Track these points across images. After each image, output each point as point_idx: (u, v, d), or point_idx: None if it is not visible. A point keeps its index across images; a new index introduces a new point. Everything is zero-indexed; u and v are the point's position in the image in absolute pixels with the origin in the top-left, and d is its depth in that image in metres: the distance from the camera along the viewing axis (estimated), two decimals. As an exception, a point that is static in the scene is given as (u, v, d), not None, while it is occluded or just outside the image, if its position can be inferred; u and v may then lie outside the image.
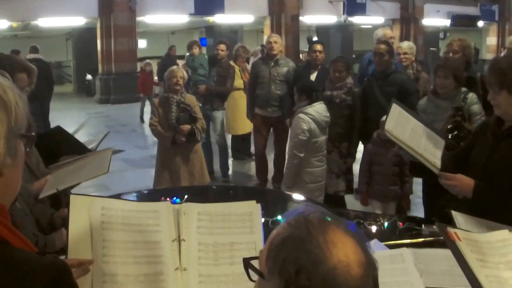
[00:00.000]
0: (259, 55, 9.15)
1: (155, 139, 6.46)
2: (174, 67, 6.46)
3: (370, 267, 1.13)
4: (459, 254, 1.90)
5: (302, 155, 5.36)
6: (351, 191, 6.31)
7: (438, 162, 3.05)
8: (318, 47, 7.14)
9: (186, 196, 3.40)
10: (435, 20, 25.63)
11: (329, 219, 1.17)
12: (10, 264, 1.22)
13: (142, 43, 23.02)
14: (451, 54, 5.68)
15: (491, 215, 2.63)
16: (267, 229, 1.95)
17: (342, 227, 1.16)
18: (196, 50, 10.70)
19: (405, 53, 6.58)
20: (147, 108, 12.31)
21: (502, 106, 2.80)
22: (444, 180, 2.91)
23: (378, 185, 5.26)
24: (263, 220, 2.36)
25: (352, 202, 6.40)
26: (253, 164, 8.32)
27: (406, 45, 6.83)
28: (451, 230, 1.99)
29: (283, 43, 19.61)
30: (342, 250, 1.11)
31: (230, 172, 8.60)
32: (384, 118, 5.07)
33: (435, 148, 3.15)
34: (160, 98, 6.20)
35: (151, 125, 6.06)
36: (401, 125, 3.15)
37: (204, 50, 11.17)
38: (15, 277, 1.22)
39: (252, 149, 8.66)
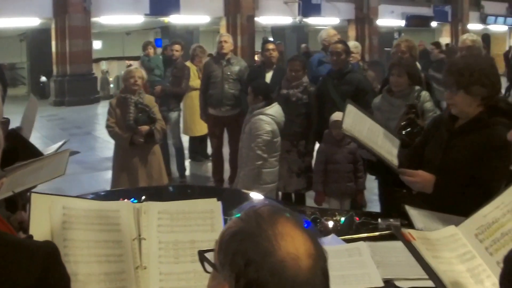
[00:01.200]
0: None
1: (111, 141, 6.33)
2: (132, 67, 6.41)
3: (319, 258, 1.14)
4: (418, 254, 1.95)
5: (266, 156, 5.39)
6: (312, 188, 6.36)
7: (395, 160, 3.13)
8: (271, 46, 7.12)
9: (143, 197, 3.38)
10: (389, 20, 26.06)
11: (279, 212, 1.18)
12: (8, 246, 1.26)
13: (97, 44, 22.69)
14: (399, 55, 5.83)
15: (445, 209, 2.72)
16: (226, 228, 1.97)
17: (291, 220, 1.17)
18: (151, 51, 10.64)
19: (352, 52, 6.70)
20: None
21: (458, 105, 2.88)
22: (405, 177, 2.97)
23: (334, 183, 5.35)
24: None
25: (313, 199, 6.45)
26: (210, 165, 8.30)
27: (352, 44, 6.98)
28: (405, 231, 2.04)
29: (238, 43, 19.74)
30: (291, 242, 1.12)
31: (187, 173, 8.56)
32: (333, 117, 5.20)
33: (391, 147, 3.24)
34: (117, 99, 6.11)
35: (107, 126, 5.97)
36: (358, 124, 3.23)
37: (159, 51, 11.09)
38: (15, 257, 1.26)
39: (210, 150, 8.66)
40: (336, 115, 5.13)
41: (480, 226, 2.17)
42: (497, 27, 31.80)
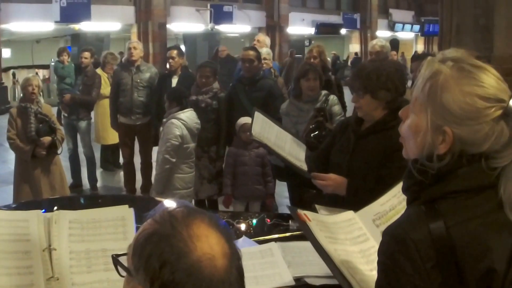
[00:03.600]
0: None
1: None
2: (30, 75, 6.24)
3: (234, 257, 1.15)
4: (310, 232, 2.03)
5: (174, 160, 5.37)
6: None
7: (304, 165, 3.21)
8: (173, 53, 7.09)
9: (55, 208, 3.30)
10: (300, 28, 26.61)
11: (193, 213, 1.18)
12: None
13: (6, 52, 21.79)
14: (312, 60, 6.06)
15: (354, 208, 2.82)
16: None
17: (206, 220, 1.17)
18: (65, 58, 10.33)
19: (264, 59, 6.82)
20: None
21: (365, 108, 2.99)
22: (317, 181, 3.03)
23: (243, 185, 5.43)
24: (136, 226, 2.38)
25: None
26: (123, 175, 8.16)
27: (265, 51, 7.09)
28: (301, 212, 2.11)
29: (150, 50, 19.54)
30: (206, 242, 1.12)
31: (99, 184, 8.35)
32: (240, 121, 5.29)
33: (299, 152, 3.32)
34: (17, 108, 5.94)
35: (9, 138, 5.79)
36: (266, 131, 3.30)
37: (70, 58, 10.81)
38: None
39: (122, 159, 8.53)
40: (243, 119, 5.24)
41: (377, 213, 2.32)
42: (405, 34, 33.18)
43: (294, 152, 3.29)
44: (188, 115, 5.48)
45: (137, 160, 7.77)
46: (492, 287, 1.38)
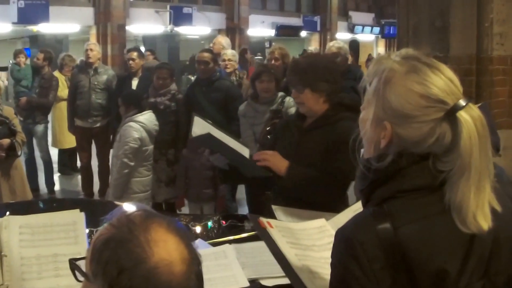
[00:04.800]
0: None
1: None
2: None
3: (193, 262, 1.14)
4: (268, 237, 2.00)
5: (132, 164, 5.33)
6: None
7: (247, 154, 3.21)
8: (133, 54, 7.04)
9: (8, 213, 3.24)
10: (260, 30, 26.65)
11: (151, 218, 1.16)
12: None
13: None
14: (273, 61, 6.09)
15: (306, 205, 2.85)
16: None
17: (164, 224, 1.15)
18: (22, 60, 10.15)
19: (229, 60, 6.82)
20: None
21: (306, 103, 3.03)
22: (260, 156, 3.06)
23: (193, 188, 5.42)
24: (87, 230, 2.34)
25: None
26: (80, 178, 8.07)
27: (230, 52, 7.08)
28: (263, 219, 2.08)
29: (109, 52, 19.32)
30: (164, 248, 1.10)
31: (56, 188, 8.25)
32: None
33: (243, 152, 3.33)
34: None
35: None
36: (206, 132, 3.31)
37: (28, 60, 10.61)
38: None
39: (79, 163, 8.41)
40: None
41: None
42: (365, 36, 33.45)
43: (238, 150, 3.30)
44: (147, 117, 5.45)
45: (95, 163, 7.68)
46: None
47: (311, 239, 2.21)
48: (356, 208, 2.32)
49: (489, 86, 5.07)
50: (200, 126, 3.27)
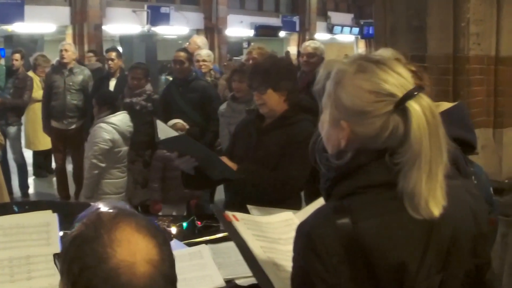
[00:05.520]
0: None
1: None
2: None
3: (162, 264, 1.11)
4: (233, 230, 2.00)
5: (103, 165, 5.26)
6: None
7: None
8: (112, 55, 7.01)
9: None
10: (238, 30, 26.64)
11: (121, 216, 1.14)
12: None
13: None
14: (251, 61, 6.05)
15: (263, 203, 2.85)
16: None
17: (133, 224, 1.13)
18: (-5, 60, 10.02)
19: (204, 60, 6.80)
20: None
21: (268, 104, 3.08)
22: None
23: (173, 190, 5.34)
24: (61, 233, 2.29)
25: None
26: (55, 181, 7.98)
27: (205, 53, 7.06)
28: (229, 213, 2.09)
29: (84, 53, 19.16)
30: (127, 248, 1.08)
31: (31, 191, 8.13)
32: (170, 123, 5.26)
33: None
34: None
35: None
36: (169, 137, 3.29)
37: (3, 61, 10.44)
38: None
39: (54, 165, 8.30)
40: (174, 120, 5.21)
41: None
42: (344, 37, 33.61)
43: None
44: (120, 118, 5.38)
45: (70, 165, 7.61)
46: (403, 282, 1.40)
47: (278, 232, 2.22)
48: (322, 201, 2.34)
49: (466, 85, 5.10)
50: (162, 129, 3.25)
